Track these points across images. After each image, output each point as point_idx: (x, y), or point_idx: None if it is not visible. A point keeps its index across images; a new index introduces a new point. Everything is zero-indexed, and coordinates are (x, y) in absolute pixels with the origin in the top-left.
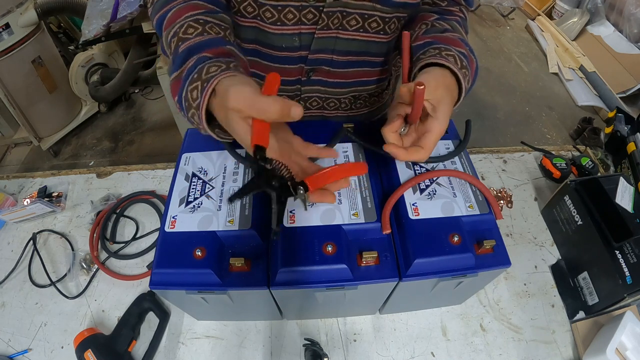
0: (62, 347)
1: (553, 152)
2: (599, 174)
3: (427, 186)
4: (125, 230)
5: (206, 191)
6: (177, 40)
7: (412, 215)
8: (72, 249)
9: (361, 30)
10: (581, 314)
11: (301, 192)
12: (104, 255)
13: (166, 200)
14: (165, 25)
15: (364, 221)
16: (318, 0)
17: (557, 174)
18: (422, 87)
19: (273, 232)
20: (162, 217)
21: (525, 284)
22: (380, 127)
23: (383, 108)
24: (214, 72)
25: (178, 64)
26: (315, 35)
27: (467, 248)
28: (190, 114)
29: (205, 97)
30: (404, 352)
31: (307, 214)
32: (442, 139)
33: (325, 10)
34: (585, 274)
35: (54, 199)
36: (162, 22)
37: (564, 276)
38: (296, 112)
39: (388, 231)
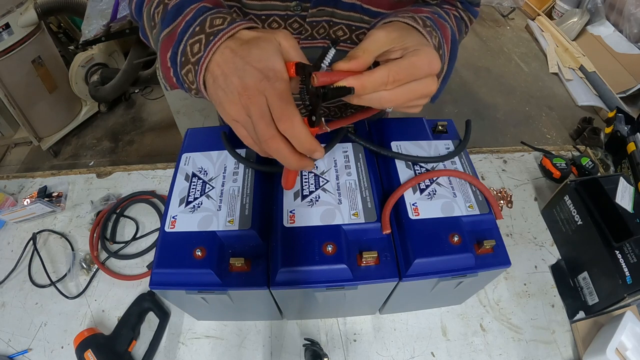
0: (62, 347)
1: (553, 152)
2: (599, 174)
3: (427, 186)
4: (125, 230)
5: (206, 191)
6: (164, 6)
7: (412, 215)
8: (72, 249)
9: (349, 42)
10: (581, 314)
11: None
12: (104, 255)
13: (166, 200)
14: (147, 1)
15: (364, 221)
16: (303, 10)
17: (557, 174)
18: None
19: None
20: (162, 217)
21: (525, 284)
22: (380, 127)
23: (377, 116)
24: (220, 26)
25: (169, 21)
26: (299, 45)
27: (467, 248)
28: (185, 71)
29: (209, 52)
30: (404, 352)
31: (307, 214)
32: (442, 138)
33: (308, 20)
34: (585, 274)
35: (54, 199)
36: (142, 1)
37: (564, 276)
38: None
39: (388, 231)
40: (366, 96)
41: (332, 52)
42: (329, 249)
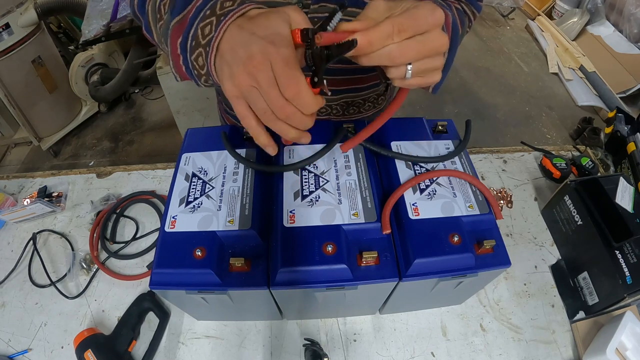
0: (62, 347)
1: (553, 152)
2: (599, 174)
3: (427, 186)
4: (125, 230)
5: (206, 191)
6: None
7: (412, 215)
8: (72, 249)
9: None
10: (581, 314)
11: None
12: (104, 255)
13: (166, 200)
14: None
15: (364, 221)
16: (305, 7)
17: (557, 174)
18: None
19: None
20: (162, 217)
21: (525, 284)
22: (380, 127)
23: (379, 114)
24: (230, 7)
25: (180, 9)
26: None
27: (467, 248)
28: (195, 55)
29: (220, 31)
30: (404, 352)
31: (307, 214)
32: (442, 138)
33: (309, 16)
34: (585, 274)
35: (54, 199)
36: None
37: (564, 276)
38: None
39: (388, 231)
40: (376, 53)
41: (338, 15)
42: (329, 249)
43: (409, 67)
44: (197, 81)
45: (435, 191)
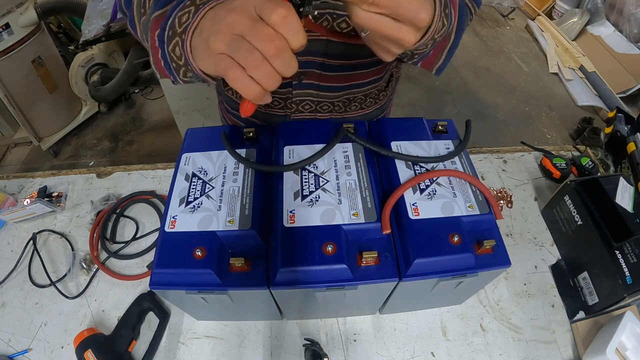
0: (62, 347)
1: (553, 152)
2: (599, 174)
3: (427, 186)
4: (125, 230)
5: (206, 191)
6: None
7: (412, 215)
8: (72, 249)
9: (352, 33)
10: (581, 314)
11: None
12: (104, 255)
13: (166, 200)
14: None
15: (364, 221)
16: None
17: (557, 174)
18: None
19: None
20: (162, 217)
21: (525, 284)
22: (380, 127)
23: (381, 110)
24: None
25: (163, 3)
26: None
27: (467, 248)
28: (171, 46)
29: (198, 17)
30: (404, 352)
31: (307, 214)
32: (442, 138)
33: None
34: (585, 274)
35: (54, 199)
36: None
37: (564, 276)
38: None
39: (388, 231)
40: (345, 2)
41: None
42: (329, 249)
43: (365, 31)
44: (175, 76)
45: (435, 191)
